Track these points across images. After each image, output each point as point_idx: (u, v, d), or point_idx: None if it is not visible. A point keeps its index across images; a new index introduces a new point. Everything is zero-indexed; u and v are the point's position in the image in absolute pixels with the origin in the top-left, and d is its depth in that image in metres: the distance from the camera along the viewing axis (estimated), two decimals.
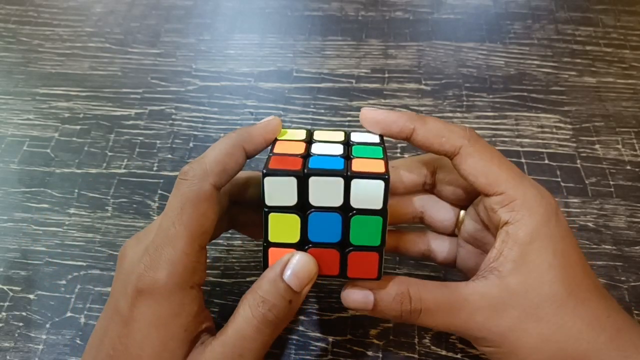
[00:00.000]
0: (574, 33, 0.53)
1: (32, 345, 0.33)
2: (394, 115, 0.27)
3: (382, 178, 0.23)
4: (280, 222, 0.24)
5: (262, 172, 0.23)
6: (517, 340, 0.25)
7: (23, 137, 0.44)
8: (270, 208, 0.24)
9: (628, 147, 0.43)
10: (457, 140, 0.26)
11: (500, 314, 0.25)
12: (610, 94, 0.47)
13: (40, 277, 0.36)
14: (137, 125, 0.45)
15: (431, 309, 0.25)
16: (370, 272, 0.25)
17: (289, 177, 0.23)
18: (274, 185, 0.24)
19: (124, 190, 0.41)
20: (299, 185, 0.23)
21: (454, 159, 0.26)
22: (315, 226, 0.24)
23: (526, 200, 0.25)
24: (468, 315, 0.25)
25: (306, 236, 0.25)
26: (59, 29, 0.54)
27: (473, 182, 0.26)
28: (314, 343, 0.33)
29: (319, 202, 0.24)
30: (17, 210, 0.40)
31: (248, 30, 0.54)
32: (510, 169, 0.26)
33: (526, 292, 0.25)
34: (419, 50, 0.51)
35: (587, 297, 0.25)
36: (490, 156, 0.26)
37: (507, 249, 0.25)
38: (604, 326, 0.25)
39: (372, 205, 0.24)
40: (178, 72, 0.49)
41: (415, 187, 0.30)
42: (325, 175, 0.23)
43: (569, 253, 0.25)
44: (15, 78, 0.49)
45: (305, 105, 0.46)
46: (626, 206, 0.39)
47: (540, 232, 0.25)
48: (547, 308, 0.24)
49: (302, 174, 0.23)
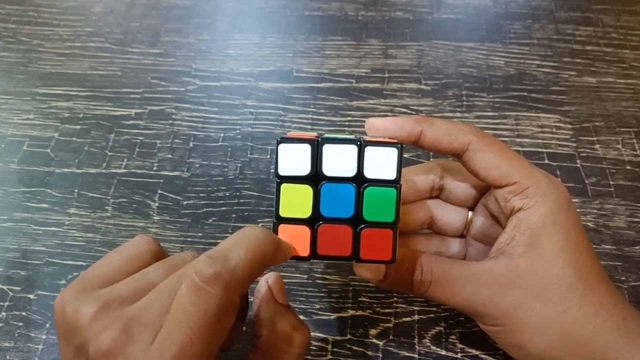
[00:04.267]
0: (574, 33, 0.53)
1: (32, 345, 0.33)
2: (400, 121, 0.27)
3: (396, 146, 0.23)
4: (293, 194, 0.24)
5: (277, 140, 0.24)
6: (522, 318, 0.25)
7: (23, 137, 0.44)
8: (282, 178, 0.24)
9: (628, 147, 0.43)
10: (465, 137, 0.26)
11: (507, 291, 0.25)
12: (610, 94, 0.47)
13: (40, 277, 0.36)
14: (137, 125, 0.45)
15: (440, 282, 0.26)
16: (384, 254, 0.25)
17: (303, 144, 0.24)
18: (288, 153, 0.24)
19: (124, 190, 0.41)
20: (313, 153, 0.24)
21: (464, 155, 0.26)
22: (328, 199, 0.24)
23: (539, 188, 0.26)
24: (475, 290, 0.25)
25: (318, 210, 0.24)
26: (59, 29, 0.54)
27: (485, 176, 0.26)
28: (314, 343, 0.33)
29: (332, 171, 0.24)
30: (17, 210, 0.40)
31: (248, 30, 0.53)
32: (520, 160, 0.26)
33: (535, 273, 0.25)
34: (419, 50, 0.51)
35: (595, 283, 0.25)
36: (499, 149, 0.26)
37: (519, 233, 0.25)
38: (611, 313, 0.25)
39: (386, 175, 0.24)
40: (178, 72, 0.49)
41: (424, 194, 0.30)
42: (339, 143, 0.24)
43: (579, 240, 0.26)
44: (15, 78, 0.49)
45: (305, 105, 0.46)
46: (626, 206, 0.39)
47: (552, 217, 0.25)
48: (555, 290, 0.25)
49: (317, 141, 0.24)
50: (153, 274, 0.23)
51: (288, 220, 0.25)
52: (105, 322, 0.21)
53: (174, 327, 0.20)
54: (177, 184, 0.41)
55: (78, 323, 0.21)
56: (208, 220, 0.39)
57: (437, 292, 0.26)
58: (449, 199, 0.30)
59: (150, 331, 0.21)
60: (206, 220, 0.39)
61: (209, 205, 0.40)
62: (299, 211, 0.24)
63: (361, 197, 0.24)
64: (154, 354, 0.20)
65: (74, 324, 0.21)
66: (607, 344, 0.24)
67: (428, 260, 0.26)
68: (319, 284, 0.35)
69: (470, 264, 0.26)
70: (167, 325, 0.21)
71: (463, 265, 0.26)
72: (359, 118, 0.45)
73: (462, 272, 0.26)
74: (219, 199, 0.40)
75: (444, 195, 0.30)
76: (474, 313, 0.26)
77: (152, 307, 0.21)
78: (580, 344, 0.25)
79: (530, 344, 0.25)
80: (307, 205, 0.24)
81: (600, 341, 0.24)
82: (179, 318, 0.20)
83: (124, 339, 0.20)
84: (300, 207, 0.24)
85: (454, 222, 0.30)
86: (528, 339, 0.25)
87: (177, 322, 0.20)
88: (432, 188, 0.30)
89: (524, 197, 0.26)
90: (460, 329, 0.33)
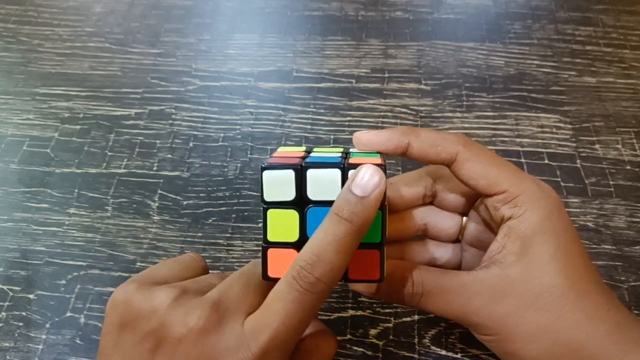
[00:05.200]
0: (574, 33, 0.53)
1: (32, 345, 0.33)
2: (387, 134, 0.26)
3: (379, 167, 0.23)
4: (279, 219, 0.24)
5: (261, 167, 0.24)
6: (514, 327, 0.25)
7: (23, 137, 0.44)
8: (268, 204, 0.24)
9: (628, 147, 0.43)
10: (452, 147, 0.26)
11: (498, 301, 0.25)
12: (610, 94, 0.47)
13: (40, 277, 0.36)
14: (137, 125, 0.45)
15: (432, 293, 0.26)
16: (373, 273, 0.25)
17: (287, 170, 0.24)
18: (272, 180, 0.24)
19: (123, 190, 0.41)
20: (297, 178, 0.24)
21: (452, 166, 0.26)
22: (315, 222, 0.24)
23: (528, 195, 0.26)
24: (466, 300, 0.25)
25: (305, 234, 0.24)
26: (59, 29, 0.54)
27: (474, 185, 0.26)
28: None
29: (317, 195, 0.24)
30: (17, 210, 0.40)
31: (248, 30, 0.53)
32: (509, 167, 0.26)
33: (526, 282, 0.25)
34: (419, 50, 0.51)
35: (588, 289, 0.25)
36: (487, 158, 0.26)
37: (509, 242, 0.25)
38: (604, 319, 0.25)
39: None
40: (178, 72, 0.49)
41: (416, 201, 0.30)
42: (322, 167, 0.23)
43: (571, 246, 0.26)
44: (15, 78, 0.49)
45: (305, 105, 0.46)
46: (626, 206, 0.39)
47: (542, 225, 0.25)
48: (547, 298, 0.25)
49: (300, 166, 0.23)
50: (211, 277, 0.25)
51: (276, 244, 0.24)
52: (190, 305, 0.22)
53: (272, 315, 0.22)
54: (177, 184, 0.41)
55: (155, 308, 0.22)
56: (208, 220, 0.39)
57: (429, 303, 0.26)
58: (442, 205, 0.30)
59: (239, 312, 0.22)
60: (206, 220, 0.39)
61: (208, 205, 0.40)
62: (286, 235, 0.24)
63: None
64: (248, 334, 0.22)
65: (148, 310, 0.22)
66: (600, 350, 0.24)
67: (419, 273, 0.26)
68: None
69: (461, 275, 0.26)
70: (263, 311, 0.22)
71: (454, 276, 0.26)
72: (359, 118, 0.45)
73: (453, 283, 0.26)
74: (219, 199, 0.40)
75: (437, 201, 0.30)
76: (467, 323, 0.26)
77: (233, 289, 0.23)
78: (573, 351, 0.25)
79: (523, 352, 0.25)
80: (294, 229, 0.24)
81: (593, 347, 0.24)
82: (278, 309, 0.22)
83: (216, 317, 0.22)
84: (287, 232, 0.24)
85: (448, 227, 0.30)
86: (521, 347, 0.25)
87: (275, 311, 0.22)
88: (425, 195, 0.30)
89: (514, 206, 0.25)
90: (460, 329, 0.33)
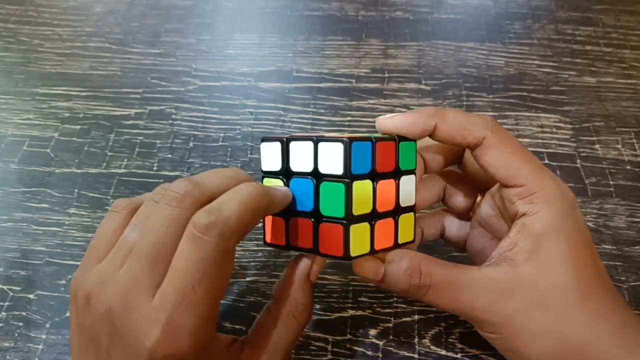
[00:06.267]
0: (574, 33, 0.53)
1: (32, 345, 0.33)
2: (412, 117, 0.26)
3: (342, 141, 0.23)
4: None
5: (261, 139, 0.27)
6: (520, 326, 0.25)
7: (23, 137, 0.44)
8: (265, 173, 0.27)
9: (628, 147, 0.43)
10: (480, 131, 0.25)
11: (506, 298, 0.25)
12: (610, 94, 0.47)
13: (40, 277, 0.36)
14: (137, 125, 0.45)
15: (439, 286, 0.25)
16: (337, 249, 0.24)
17: (276, 142, 0.26)
18: (267, 151, 0.27)
19: (124, 190, 0.41)
20: (283, 150, 0.26)
21: (476, 150, 0.26)
22: (295, 193, 0.26)
23: (545, 193, 0.25)
24: (473, 296, 0.25)
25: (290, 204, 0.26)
26: (58, 29, 0.54)
27: (493, 173, 0.26)
28: (314, 343, 0.33)
29: (296, 167, 0.26)
30: (17, 210, 0.40)
31: (248, 30, 0.54)
32: (532, 161, 0.26)
33: (536, 281, 0.25)
34: (419, 50, 0.51)
35: (596, 290, 0.25)
36: (512, 148, 0.26)
37: (522, 240, 0.25)
38: (609, 320, 0.25)
39: (334, 171, 0.24)
40: (178, 72, 0.49)
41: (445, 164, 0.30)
42: (301, 140, 0.25)
43: (582, 247, 0.26)
44: (15, 78, 0.49)
45: (305, 105, 0.46)
46: (626, 206, 0.39)
47: (556, 225, 0.25)
48: (555, 298, 0.25)
49: (285, 139, 0.26)
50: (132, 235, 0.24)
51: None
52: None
53: (175, 276, 0.22)
54: None
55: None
56: None
57: (436, 296, 0.26)
58: (466, 169, 0.30)
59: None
60: None
61: None
62: None
63: (318, 191, 0.25)
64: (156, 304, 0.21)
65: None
66: (605, 351, 0.24)
67: (427, 264, 0.26)
68: (319, 284, 0.35)
69: (470, 270, 0.26)
70: (169, 275, 0.22)
71: (463, 271, 0.26)
72: (359, 118, 0.45)
73: (462, 278, 0.25)
74: None
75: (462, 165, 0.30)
76: (472, 319, 0.26)
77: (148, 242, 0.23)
78: (578, 351, 0.25)
79: (527, 350, 0.25)
80: None
81: (597, 348, 0.24)
82: (181, 268, 0.22)
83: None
84: None
85: (462, 200, 0.30)
86: (525, 345, 0.25)
87: (178, 271, 0.22)
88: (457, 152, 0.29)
89: (529, 202, 0.25)
90: (460, 329, 0.33)
